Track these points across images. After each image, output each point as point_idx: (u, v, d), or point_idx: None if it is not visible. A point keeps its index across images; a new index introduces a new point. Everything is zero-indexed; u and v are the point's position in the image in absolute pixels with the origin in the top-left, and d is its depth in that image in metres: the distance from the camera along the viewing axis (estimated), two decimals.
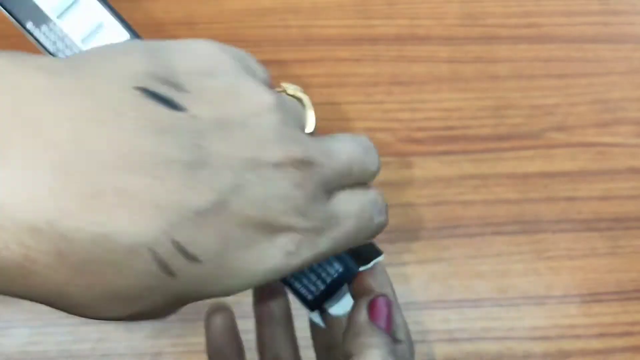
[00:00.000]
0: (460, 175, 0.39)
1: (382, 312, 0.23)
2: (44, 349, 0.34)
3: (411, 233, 0.38)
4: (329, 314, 0.25)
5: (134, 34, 0.22)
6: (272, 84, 0.21)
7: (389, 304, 0.23)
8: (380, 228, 0.21)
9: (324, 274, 0.24)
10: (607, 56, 0.43)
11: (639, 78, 0.43)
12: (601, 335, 0.35)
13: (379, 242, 0.37)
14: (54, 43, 0.22)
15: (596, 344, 0.35)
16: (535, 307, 0.36)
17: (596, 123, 0.41)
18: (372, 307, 0.23)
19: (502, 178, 0.39)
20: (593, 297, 0.36)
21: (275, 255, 0.17)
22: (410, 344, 0.24)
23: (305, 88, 0.41)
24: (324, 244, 0.19)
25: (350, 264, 0.25)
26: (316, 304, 0.25)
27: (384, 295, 0.24)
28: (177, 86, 0.16)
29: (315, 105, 0.41)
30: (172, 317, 0.35)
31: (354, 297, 0.25)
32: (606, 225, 0.38)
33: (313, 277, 0.24)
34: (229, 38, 0.43)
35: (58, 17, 0.22)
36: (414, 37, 0.44)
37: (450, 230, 0.38)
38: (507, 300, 0.36)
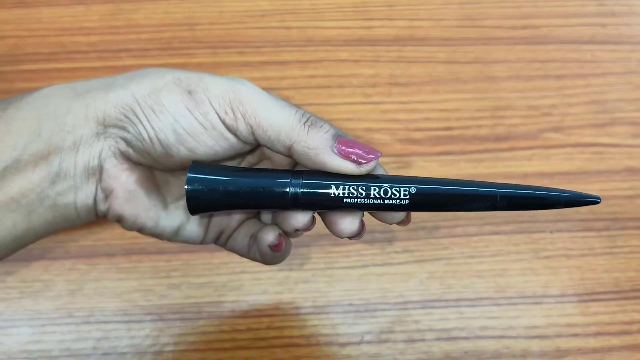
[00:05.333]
0: (459, 175, 0.39)
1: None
2: (45, 348, 0.34)
3: (410, 232, 0.38)
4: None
5: None
6: None
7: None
8: None
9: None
10: (604, 57, 0.44)
11: (636, 79, 0.43)
12: (598, 333, 0.36)
13: (379, 241, 0.37)
14: None
15: (593, 342, 0.35)
16: (533, 306, 0.36)
17: (593, 124, 0.41)
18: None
19: (500, 178, 0.39)
20: (590, 296, 0.37)
21: None
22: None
23: (305, 89, 0.41)
24: None
25: None
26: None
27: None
28: None
29: (315, 106, 0.42)
30: (173, 316, 0.35)
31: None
32: (603, 225, 0.38)
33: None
34: (229, 39, 0.43)
35: None
36: (412, 38, 0.44)
37: (448, 229, 0.38)
38: (505, 299, 0.36)
